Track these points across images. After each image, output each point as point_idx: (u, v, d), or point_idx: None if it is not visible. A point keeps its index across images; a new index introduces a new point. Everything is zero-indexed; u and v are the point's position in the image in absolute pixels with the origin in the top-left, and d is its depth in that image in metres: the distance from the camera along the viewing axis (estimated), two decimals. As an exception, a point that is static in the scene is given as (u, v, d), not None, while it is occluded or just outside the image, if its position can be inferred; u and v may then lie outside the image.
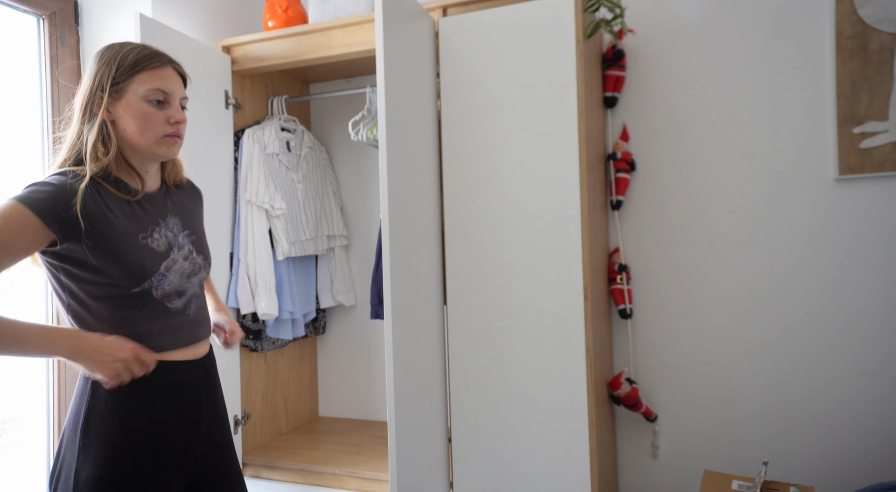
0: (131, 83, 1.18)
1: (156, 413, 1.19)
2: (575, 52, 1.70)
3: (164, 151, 1.22)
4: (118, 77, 1.18)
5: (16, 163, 2.11)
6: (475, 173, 1.81)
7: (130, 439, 1.16)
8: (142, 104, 1.18)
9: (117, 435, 1.15)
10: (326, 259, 2.49)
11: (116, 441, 1.14)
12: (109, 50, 1.21)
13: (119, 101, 1.18)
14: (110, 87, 1.17)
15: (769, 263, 1.96)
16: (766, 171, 1.96)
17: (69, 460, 1.15)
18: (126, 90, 1.18)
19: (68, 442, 1.16)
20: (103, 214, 1.14)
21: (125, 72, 1.18)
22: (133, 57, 1.19)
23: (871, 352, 1.86)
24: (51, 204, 1.09)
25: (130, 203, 1.20)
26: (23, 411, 2.10)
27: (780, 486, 1.69)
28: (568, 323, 1.71)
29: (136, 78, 1.18)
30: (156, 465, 1.18)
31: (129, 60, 1.19)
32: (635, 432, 2.12)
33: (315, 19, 2.13)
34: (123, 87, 1.18)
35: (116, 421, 1.15)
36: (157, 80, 1.20)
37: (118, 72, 1.18)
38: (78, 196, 1.11)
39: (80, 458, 1.13)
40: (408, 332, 1.64)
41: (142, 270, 1.16)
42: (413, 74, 1.74)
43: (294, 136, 2.35)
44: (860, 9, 1.83)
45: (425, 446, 1.72)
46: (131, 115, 1.18)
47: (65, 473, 1.15)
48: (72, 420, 1.17)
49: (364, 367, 2.55)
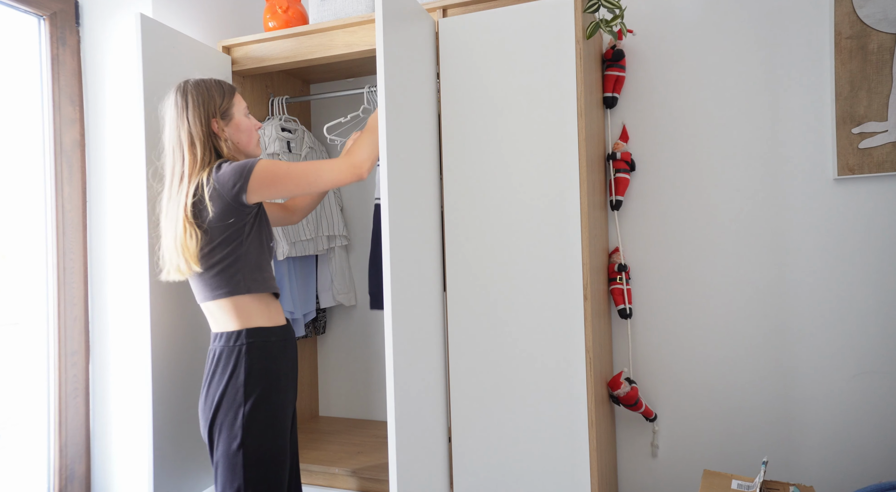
0: (232, 107, 1.63)
1: (284, 366, 1.64)
2: (575, 52, 1.70)
3: (258, 150, 1.72)
4: (224, 104, 1.61)
5: (16, 163, 2.11)
6: (475, 174, 1.81)
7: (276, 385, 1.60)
8: (244, 120, 1.66)
9: (273, 380, 1.59)
10: (326, 259, 2.49)
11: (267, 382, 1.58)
12: (197, 86, 1.60)
13: (230, 123, 1.63)
14: (221, 113, 1.61)
15: (768, 262, 1.97)
16: (766, 171, 1.96)
17: (235, 402, 1.54)
18: (231, 112, 1.63)
19: (229, 396, 1.55)
20: None
21: (227, 98, 1.62)
22: (222, 87, 1.63)
23: (871, 352, 1.86)
24: None
25: None
26: (23, 411, 2.10)
27: (779, 485, 1.69)
28: (568, 323, 1.72)
29: (233, 102, 1.64)
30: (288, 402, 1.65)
31: (224, 89, 1.63)
32: (635, 431, 2.12)
33: (315, 19, 2.14)
34: (228, 111, 1.63)
35: (267, 375, 1.58)
36: (242, 100, 1.69)
37: (223, 101, 1.61)
38: None
39: (245, 397, 1.54)
40: (408, 332, 1.65)
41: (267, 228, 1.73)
42: (413, 74, 1.74)
43: (294, 136, 2.35)
44: (859, 9, 1.83)
45: (425, 446, 1.72)
46: (243, 130, 1.65)
47: (232, 412, 1.54)
48: (228, 379, 1.55)
49: (364, 367, 2.55)
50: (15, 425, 2.09)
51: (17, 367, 2.09)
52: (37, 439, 2.10)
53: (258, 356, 1.57)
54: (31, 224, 2.12)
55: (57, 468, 2.10)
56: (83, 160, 2.22)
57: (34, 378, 2.10)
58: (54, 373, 2.10)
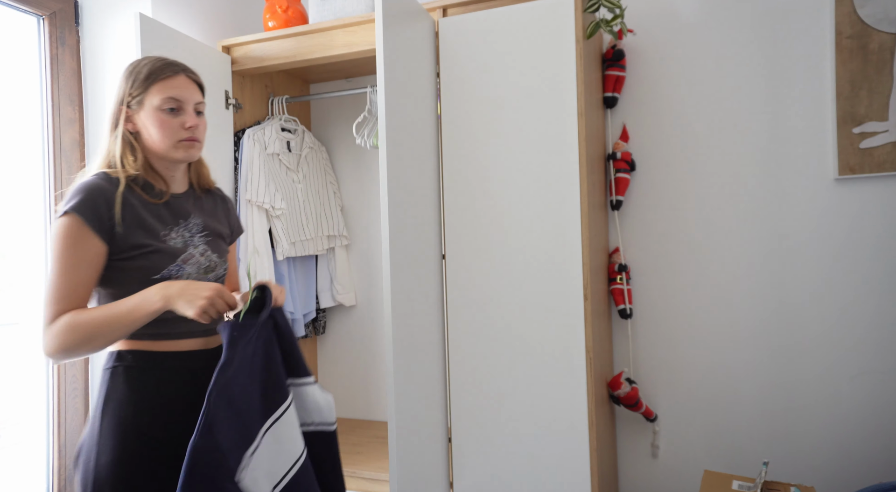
0: (147, 95, 1.28)
1: (166, 401, 1.24)
2: (575, 52, 1.70)
3: (181, 154, 1.31)
4: (135, 91, 1.28)
5: (16, 163, 2.10)
6: (475, 173, 1.81)
7: (142, 425, 1.21)
8: (158, 113, 1.28)
9: (130, 420, 1.21)
10: (326, 259, 2.49)
11: (129, 426, 1.20)
12: (129, 65, 1.32)
13: (140, 113, 1.29)
14: (131, 100, 1.28)
15: (769, 262, 1.96)
16: (766, 170, 1.96)
17: (90, 443, 1.22)
18: (144, 102, 1.28)
19: (90, 427, 1.24)
20: (133, 215, 1.24)
21: (141, 85, 1.28)
22: (147, 70, 1.29)
23: (871, 352, 1.86)
24: (98, 214, 1.20)
25: (157, 204, 1.30)
26: (23, 411, 2.10)
27: (780, 486, 1.69)
28: (568, 323, 1.71)
29: (150, 89, 1.28)
30: (167, 452, 1.21)
31: (144, 73, 1.29)
32: (635, 432, 2.12)
33: (315, 19, 2.13)
34: (142, 99, 1.28)
35: (130, 407, 1.21)
36: (169, 89, 1.29)
37: (135, 86, 1.28)
38: (117, 202, 1.22)
39: (99, 442, 1.20)
40: (408, 332, 1.64)
41: (161, 260, 1.25)
42: (413, 74, 1.74)
43: (294, 136, 2.35)
44: (860, 9, 1.83)
45: (425, 446, 1.72)
46: (150, 125, 1.28)
47: (84, 455, 1.22)
48: (93, 407, 1.25)
49: (364, 367, 2.55)
50: (15, 425, 2.09)
51: (17, 367, 2.09)
52: (37, 440, 2.10)
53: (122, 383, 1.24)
54: (31, 224, 2.11)
55: (57, 468, 2.10)
56: (82, 160, 2.21)
57: (34, 378, 2.10)
58: (54, 373, 2.10)
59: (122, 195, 1.23)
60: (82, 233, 1.17)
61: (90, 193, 1.20)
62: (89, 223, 1.17)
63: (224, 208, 1.50)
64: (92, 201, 1.19)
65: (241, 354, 1.18)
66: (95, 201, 1.19)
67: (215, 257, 1.37)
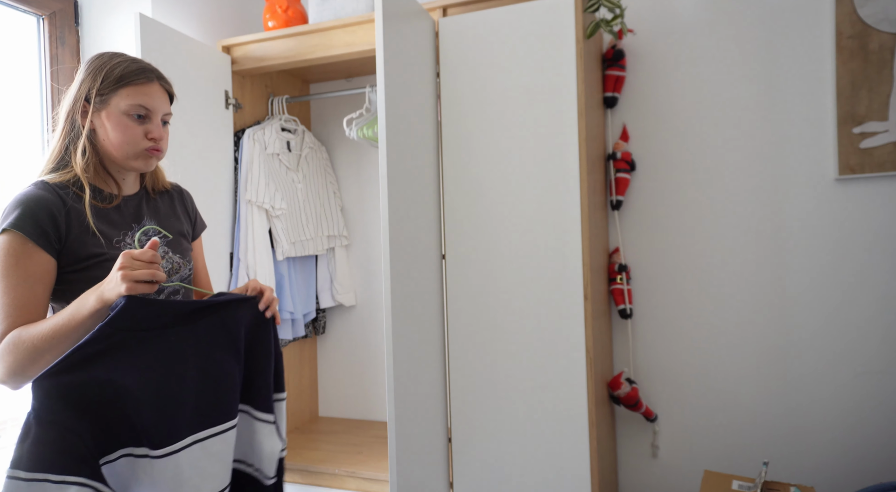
0: (114, 96, 1.20)
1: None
2: (575, 52, 1.70)
3: (140, 164, 1.24)
4: (103, 89, 1.19)
5: (15, 163, 2.10)
6: (475, 173, 1.81)
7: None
8: (122, 118, 1.20)
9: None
10: (326, 259, 2.49)
11: None
12: (98, 59, 1.22)
13: (101, 112, 1.20)
14: (95, 97, 1.19)
15: (769, 262, 1.96)
16: (766, 170, 1.96)
17: None
18: (109, 102, 1.20)
19: None
20: (81, 223, 1.16)
21: (110, 85, 1.20)
22: (120, 71, 1.21)
23: (871, 352, 1.86)
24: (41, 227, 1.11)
25: (107, 208, 1.22)
26: (23, 411, 2.10)
27: (780, 486, 1.69)
28: (568, 323, 1.71)
29: (120, 92, 1.20)
30: None
31: (116, 74, 1.20)
32: (635, 432, 2.12)
33: (315, 19, 2.13)
34: (107, 99, 1.20)
35: None
36: (140, 96, 1.21)
37: (103, 84, 1.19)
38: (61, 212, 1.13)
39: None
40: (408, 332, 1.64)
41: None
42: (413, 74, 1.74)
43: (294, 136, 2.35)
44: (860, 9, 1.83)
45: (425, 446, 1.72)
46: (111, 127, 1.20)
47: None
48: None
49: (364, 367, 2.55)
50: (15, 426, 2.09)
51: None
52: (36, 440, 2.09)
53: None
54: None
55: (57, 468, 2.10)
56: (83, 160, 2.21)
57: (34, 378, 2.10)
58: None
59: (66, 204, 1.14)
60: (26, 249, 1.09)
61: (29, 205, 1.12)
62: (32, 238, 1.10)
63: (182, 203, 1.42)
64: (32, 215, 1.11)
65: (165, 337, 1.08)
66: (36, 215, 1.11)
67: (177, 258, 1.30)
